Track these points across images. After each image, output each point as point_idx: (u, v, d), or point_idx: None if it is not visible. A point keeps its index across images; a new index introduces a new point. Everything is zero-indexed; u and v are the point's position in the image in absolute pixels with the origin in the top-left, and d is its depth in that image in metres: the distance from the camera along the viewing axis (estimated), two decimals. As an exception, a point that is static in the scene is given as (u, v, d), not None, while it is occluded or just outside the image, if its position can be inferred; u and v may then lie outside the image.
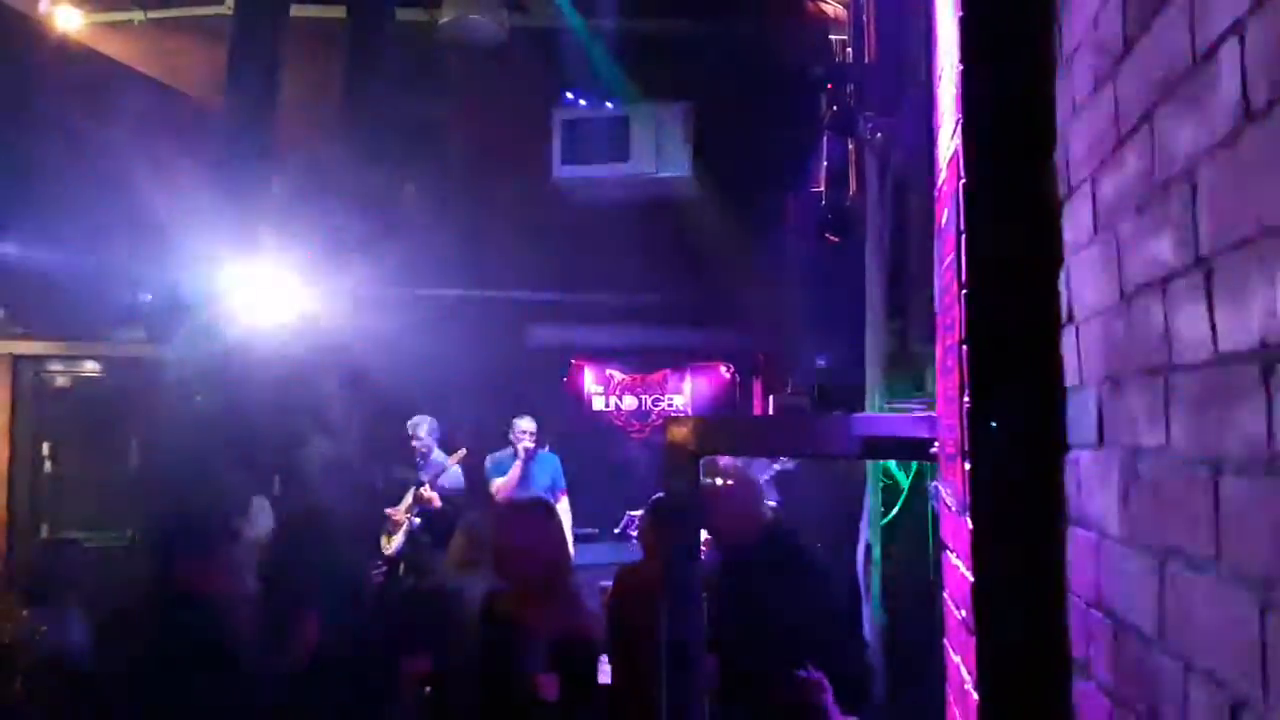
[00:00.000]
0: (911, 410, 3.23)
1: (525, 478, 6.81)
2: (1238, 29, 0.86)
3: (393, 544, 6.61)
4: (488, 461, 7.00)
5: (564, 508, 6.76)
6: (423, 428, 6.95)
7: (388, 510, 6.72)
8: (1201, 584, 0.94)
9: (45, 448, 7.88)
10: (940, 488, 2.15)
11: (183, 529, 3.43)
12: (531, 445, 6.90)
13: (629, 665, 3.67)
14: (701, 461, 2.85)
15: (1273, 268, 0.79)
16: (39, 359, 7.99)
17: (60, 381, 8.10)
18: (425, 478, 6.81)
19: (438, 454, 6.92)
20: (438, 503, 6.58)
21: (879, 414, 3.61)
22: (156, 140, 6.30)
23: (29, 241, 5.42)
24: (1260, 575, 0.81)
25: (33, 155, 5.31)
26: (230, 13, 6.67)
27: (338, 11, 6.26)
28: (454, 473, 6.80)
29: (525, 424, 6.87)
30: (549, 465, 7.03)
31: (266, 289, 7.27)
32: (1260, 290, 0.81)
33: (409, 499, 6.69)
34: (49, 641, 4.06)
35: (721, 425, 3.75)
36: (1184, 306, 0.98)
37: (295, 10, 6.25)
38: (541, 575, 3.50)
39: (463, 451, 6.90)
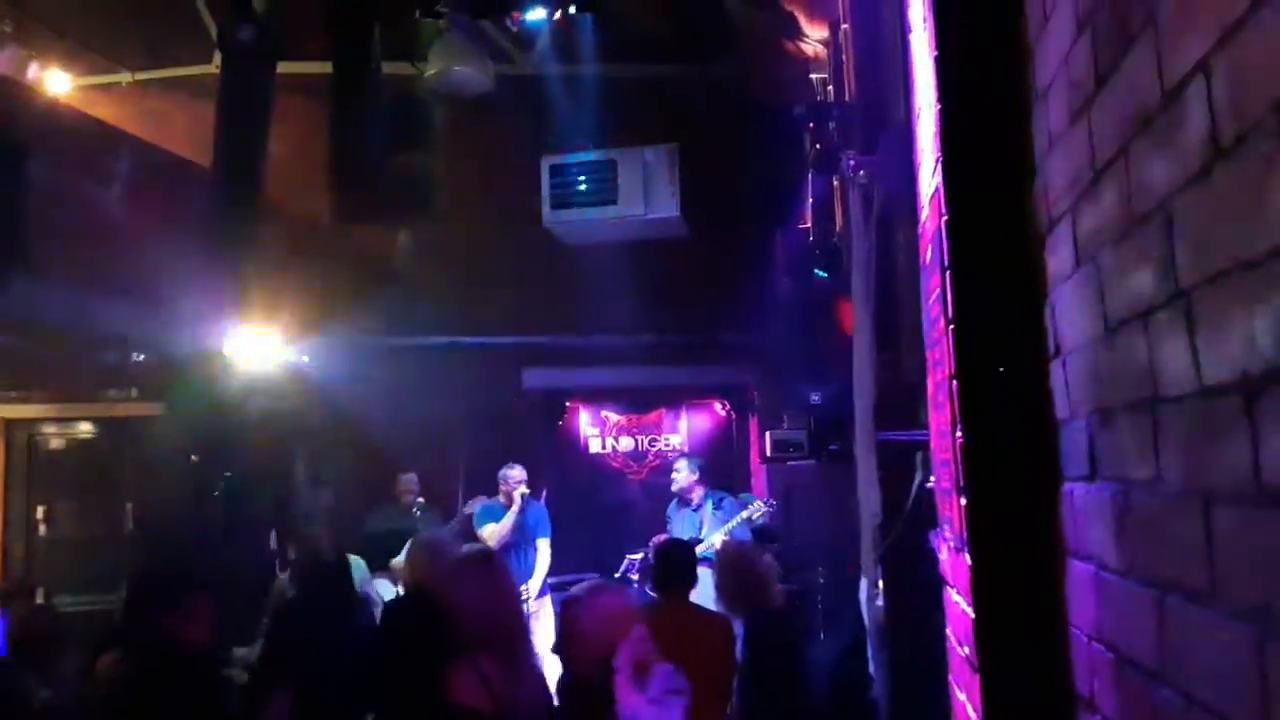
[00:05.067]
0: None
1: (518, 526, 6.80)
2: (1203, 66, 0.87)
3: None
4: (476, 508, 6.96)
5: (544, 553, 6.86)
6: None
7: None
8: (1199, 616, 0.93)
9: (39, 511, 7.82)
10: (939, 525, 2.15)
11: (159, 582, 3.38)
12: (527, 491, 6.89)
13: None
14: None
15: (1249, 300, 0.80)
16: (32, 422, 7.95)
17: (54, 444, 8.05)
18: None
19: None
20: None
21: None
22: (146, 200, 6.34)
23: (20, 304, 5.41)
24: (1256, 606, 0.81)
25: (23, 218, 5.32)
26: (217, 71, 6.73)
27: (324, 67, 6.31)
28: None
29: (518, 473, 6.87)
30: (538, 512, 7.03)
31: (258, 345, 7.28)
32: (1239, 322, 0.82)
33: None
34: (47, 705, 4.02)
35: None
36: (1166, 339, 0.99)
37: (281, 67, 6.31)
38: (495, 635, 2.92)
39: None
